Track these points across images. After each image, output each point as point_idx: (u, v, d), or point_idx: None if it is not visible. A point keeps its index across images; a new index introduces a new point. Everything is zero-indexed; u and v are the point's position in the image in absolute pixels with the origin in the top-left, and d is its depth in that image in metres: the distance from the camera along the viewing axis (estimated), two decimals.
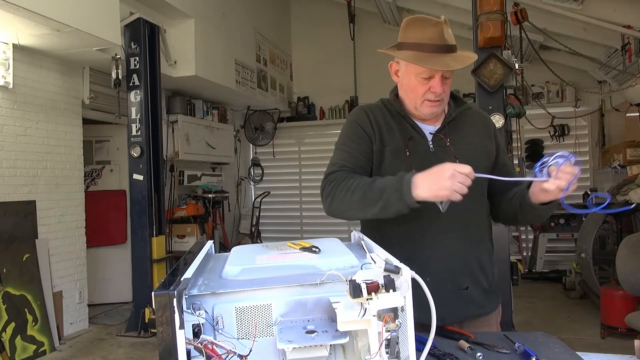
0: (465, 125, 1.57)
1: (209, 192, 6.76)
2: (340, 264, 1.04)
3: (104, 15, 4.09)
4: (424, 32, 1.42)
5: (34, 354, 4.09)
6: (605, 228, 5.27)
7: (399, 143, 1.52)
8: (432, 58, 1.40)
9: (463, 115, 1.58)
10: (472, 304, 1.52)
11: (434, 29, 1.41)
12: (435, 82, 1.44)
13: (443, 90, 1.46)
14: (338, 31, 8.05)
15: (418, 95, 1.49)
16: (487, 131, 1.61)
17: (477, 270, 1.54)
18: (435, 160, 1.48)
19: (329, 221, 8.16)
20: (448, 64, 1.40)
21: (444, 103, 1.51)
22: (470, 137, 1.56)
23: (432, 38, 1.41)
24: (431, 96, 1.46)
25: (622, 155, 6.00)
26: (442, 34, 1.41)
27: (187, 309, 0.89)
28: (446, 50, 1.41)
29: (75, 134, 4.90)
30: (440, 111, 1.53)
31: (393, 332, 0.88)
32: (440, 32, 1.41)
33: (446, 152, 1.51)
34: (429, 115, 1.53)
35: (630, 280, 3.24)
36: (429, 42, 1.41)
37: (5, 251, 4.03)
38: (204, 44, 5.74)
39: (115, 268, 5.77)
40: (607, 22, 5.02)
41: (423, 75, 1.45)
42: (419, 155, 1.51)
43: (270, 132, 8.27)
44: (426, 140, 1.53)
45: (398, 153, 1.51)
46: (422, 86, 1.47)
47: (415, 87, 1.48)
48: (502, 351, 1.26)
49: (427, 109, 1.50)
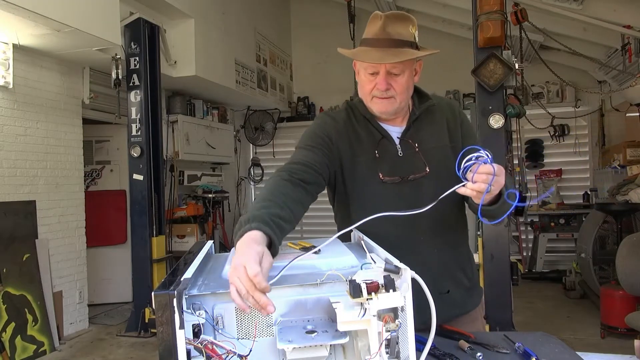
0: (431, 122, 1.53)
1: (209, 192, 6.76)
2: (340, 264, 1.04)
3: (104, 15, 4.09)
4: (371, 27, 1.41)
5: (34, 354, 4.09)
6: (605, 228, 5.27)
7: (369, 150, 1.49)
8: (369, 52, 1.38)
9: (428, 111, 1.54)
10: (454, 305, 1.51)
11: (378, 23, 1.38)
12: (380, 78, 1.40)
13: (388, 86, 1.41)
14: (338, 31, 8.04)
15: (366, 92, 1.46)
16: (453, 121, 1.55)
17: (458, 272, 1.53)
18: (405, 163, 1.48)
19: (329, 221, 8.09)
20: (382, 57, 1.36)
21: (397, 102, 1.44)
22: (437, 134, 1.52)
23: (375, 32, 1.39)
24: (377, 93, 1.43)
25: (622, 155, 6.00)
26: (383, 28, 1.37)
27: (187, 309, 0.89)
28: (386, 44, 1.37)
29: (75, 134, 4.90)
30: (393, 110, 1.47)
31: (393, 332, 0.88)
32: (382, 26, 1.37)
33: (415, 155, 1.48)
34: (380, 114, 1.49)
35: (630, 280, 3.24)
36: (372, 37, 1.39)
37: (5, 251, 4.03)
38: (204, 44, 5.74)
39: (115, 268, 5.77)
40: (607, 22, 5.02)
41: (368, 71, 1.42)
42: (388, 159, 1.48)
43: (270, 132, 8.27)
44: (394, 144, 1.49)
45: (369, 160, 1.48)
46: (369, 83, 1.44)
47: (364, 84, 1.46)
48: (502, 351, 1.26)
49: (375, 106, 1.46)
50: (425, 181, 1.47)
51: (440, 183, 1.46)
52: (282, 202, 1.21)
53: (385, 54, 1.36)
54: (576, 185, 7.23)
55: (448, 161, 1.45)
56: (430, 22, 7.19)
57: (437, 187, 1.45)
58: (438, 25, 7.13)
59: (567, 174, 7.25)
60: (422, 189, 1.46)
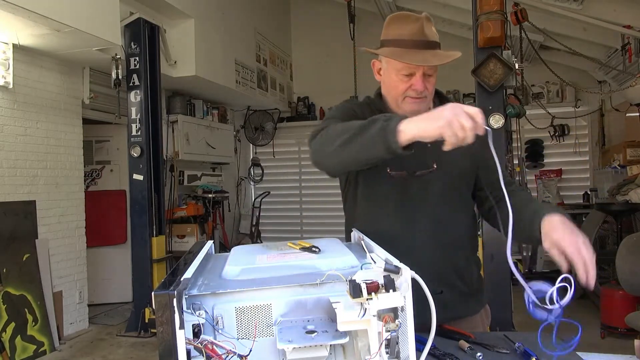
0: None
1: (209, 192, 6.76)
2: (340, 264, 1.04)
3: (104, 15, 4.09)
4: (404, 28, 1.39)
5: (34, 354, 4.09)
6: (605, 228, 5.27)
7: None
8: (411, 54, 1.37)
9: None
10: (448, 308, 1.49)
11: (414, 25, 1.38)
12: (416, 79, 1.41)
13: (424, 87, 1.42)
14: (338, 31, 8.04)
15: (399, 92, 1.45)
16: None
17: (452, 275, 1.51)
18: (414, 159, 1.45)
19: (329, 221, 8.16)
20: (427, 59, 1.36)
21: (428, 101, 1.47)
22: None
23: (411, 34, 1.38)
24: (412, 93, 1.43)
25: (622, 155, 6.00)
26: (422, 30, 1.37)
27: (187, 309, 0.89)
28: (426, 46, 1.38)
29: (75, 134, 4.90)
30: (424, 109, 1.47)
31: (393, 332, 0.88)
32: (421, 27, 1.37)
33: (425, 151, 1.46)
34: (411, 113, 1.47)
35: (630, 280, 3.24)
36: (408, 38, 1.38)
37: (5, 251, 4.03)
38: (204, 44, 5.74)
39: (115, 268, 5.77)
40: (607, 22, 5.02)
41: (403, 72, 1.41)
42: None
43: (270, 132, 8.28)
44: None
45: None
46: (403, 83, 1.43)
47: (396, 85, 1.45)
48: (502, 351, 1.26)
49: (408, 106, 1.45)
50: (432, 178, 1.47)
51: (447, 181, 1.47)
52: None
53: (427, 55, 1.37)
54: (576, 185, 7.24)
55: (458, 162, 1.46)
56: None
57: (443, 185, 1.45)
58: (438, 25, 7.06)
59: (567, 174, 7.26)
60: (429, 185, 1.46)
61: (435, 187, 1.45)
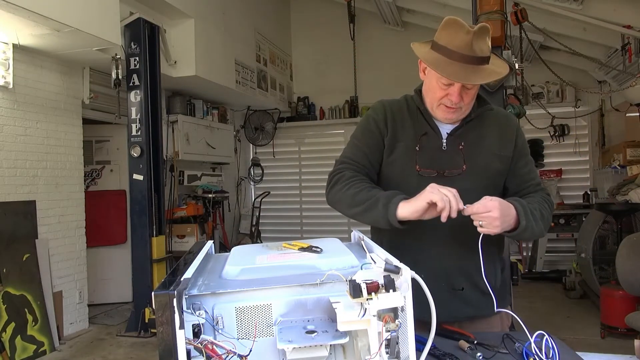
0: (483, 127, 1.54)
1: (209, 192, 6.76)
2: (340, 264, 1.04)
3: (104, 15, 4.09)
4: (455, 38, 1.38)
5: (34, 354, 4.09)
6: (605, 228, 5.26)
7: (411, 138, 1.53)
8: (454, 67, 1.37)
9: (483, 116, 1.55)
10: (468, 305, 1.52)
11: (465, 37, 1.36)
12: (454, 90, 1.42)
13: (460, 99, 1.43)
14: (338, 31, 8.05)
15: (435, 98, 1.47)
16: (507, 131, 1.56)
17: (475, 273, 1.50)
18: (445, 158, 1.51)
19: (329, 221, 8.16)
20: (467, 76, 1.37)
21: (462, 111, 1.48)
22: (487, 139, 1.53)
23: (459, 46, 1.37)
24: (447, 102, 1.45)
25: (622, 155, 6.00)
26: (470, 44, 1.36)
27: (187, 309, 0.89)
28: (471, 61, 1.37)
29: (75, 134, 4.90)
30: (457, 117, 1.50)
31: (393, 332, 0.88)
32: (470, 41, 1.36)
33: (457, 151, 1.50)
34: (444, 120, 1.51)
35: (630, 280, 3.24)
36: (456, 50, 1.37)
37: (5, 251, 4.03)
38: (204, 44, 5.74)
39: (115, 268, 5.77)
40: (607, 22, 5.02)
41: (443, 81, 1.43)
42: (429, 151, 1.51)
43: (270, 132, 8.28)
44: (440, 138, 1.52)
45: (409, 148, 1.52)
46: (440, 91, 1.45)
47: (435, 90, 1.47)
48: (502, 351, 1.26)
49: (441, 114, 1.49)
50: (461, 179, 1.49)
51: (476, 182, 1.49)
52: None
53: (469, 72, 1.37)
54: (576, 185, 7.24)
55: (489, 166, 1.51)
56: (431, 22, 7.20)
57: (471, 185, 1.47)
58: (438, 25, 7.11)
59: (567, 174, 7.26)
60: (457, 185, 1.46)
61: (463, 187, 1.45)
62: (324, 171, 8.33)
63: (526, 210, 1.39)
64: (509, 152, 1.55)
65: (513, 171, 1.56)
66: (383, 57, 7.94)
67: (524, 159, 1.58)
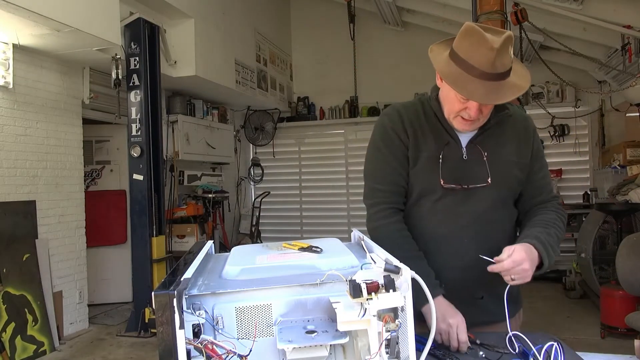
0: (503, 132, 1.50)
1: (209, 192, 6.76)
2: (340, 264, 1.04)
3: (104, 15, 4.09)
4: (476, 52, 1.29)
5: (34, 354, 4.09)
6: (605, 228, 5.26)
7: (434, 149, 1.48)
8: (474, 85, 1.29)
9: (502, 122, 1.50)
10: (486, 312, 1.51)
11: (487, 54, 1.27)
12: (472, 106, 1.36)
13: (480, 113, 1.39)
14: (338, 31, 8.05)
15: (453, 110, 1.42)
16: (525, 136, 1.53)
17: (494, 281, 1.47)
18: (467, 169, 1.47)
19: (329, 221, 8.17)
20: (487, 95, 1.30)
21: (480, 122, 1.44)
22: (507, 146, 1.50)
23: (481, 63, 1.28)
24: (465, 115, 1.40)
25: (622, 155, 6.00)
26: (492, 62, 1.27)
27: (187, 309, 0.89)
28: (492, 78, 1.30)
29: (75, 134, 4.90)
30: (474, 129, 1.46)
31: (393, 332, 0.88)
32: (492, 59, 1.27)
33: (479, 162, 1.46)
34: (461, 130, 1.47)
35: (630, 280, 3.24)
36: (476, 66, 1.29)
37: (5, 251, 4.03)
38: (204, 44, 5.74)
39: (115, 268, 5.77)
40: (607, 22, 5.02)
41: (461, 95, 1.37)
42: (451, 162, 1.47)
43: (270, 132, 8.28)
44: (460, 147, 1.48)
45: (432, 159, 1.47)
46: (459, 104, 1.39)
47: (452, 103, 1.41)
48: (502, 351, 1.26)
49: (458, 125, 1.44)
50: (485, 192, 1.46)
51: (498, 195, 1.48)
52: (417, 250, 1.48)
53: (489, 90, 1.29)
54: (576, 185, 7.23)
55: (510, 176, 1.48)
56: (430, 22, 7.20)
57: (493, 197, 1.46)
58: (438, 25, 7.14)
59: (567, 174, 7.25)
60: (480, 196, 1.46)
61: (486, 199, 1.46)
62: (324, 171, 8.39)
63: (546, 247, 1.37)
64: (527, 158, 1.52)
65: (528, 177, 1.52)
66: (383, 57, 7.94)
67: (539, 162, 1.55)
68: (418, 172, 1.49)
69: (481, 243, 1.45)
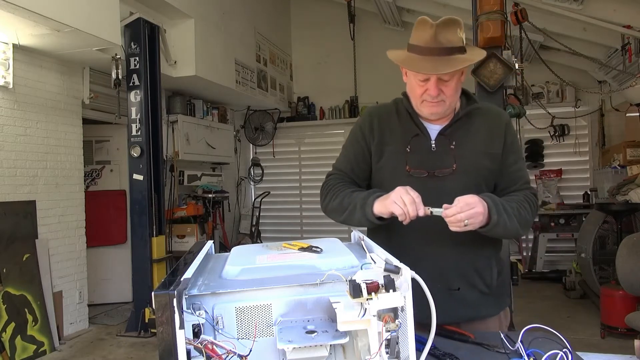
0: (472, 125, 1.55)
1: (209, 192, 6.76)
2: (340, 264, 1.04)
3: (104, 15, 4.09)
4: (420, 34, 1.43)
5: (34, 354, 4.09)
6: (605, 228, 5.27)
7: (400, 142, 1.55)
8: (422, 61, 1.40)
9: (472, 114, 1.56)
10: (466, 305, 1.51)
11: (428, 31, 1.40)
12: (431, 84, 1.44)
13: (439, 92, 1.45)
14: (338, 31, 8.05)
15: (417, 96, 1.50)
16: (497, 129, 1.56)
17: (472, 273, 1.52)
18: (435, 158, 1.52)
19: (329, 221, 8.06)
20: (436, 67, 1.39)
21: (447, 104, 1.49)
22: (476, 137, 1.54)
23: (426, 41, 1.40)
24: (428, 97, 1.47)
25: (622, 155, 6.00)
26: (434, 37, 1.39)
27: (187, 309, 0.89)
28: (439, 52, 1.39)
29: (75, 134, 4.90)
30: (443, 111, 1.51)
31: (393, 332, 0.88)
32: (434, 34, 1.39)
33: (447, 151, 1.52)
34: (430, 115, 1.52)
35: (630, 280, 3.24)
36: (423, 45, 1.41)
37: (5, 251, 4.03)
38: (204, 44, 5.74)
39: (115, 268, 5.77)
40: (607, 22, 5.02)
41: (419, 77, 1.46)
42: (419, 153, 1.53)
43: (270, 132, 8.28)
44: (429, 139, 1.54)
45: (399, 151, 1.54)
46: (419, 87, 1.48)
47: (414, 88, 1.50)
48: (501, 351, 1.26)
49: (426, 110, 1.50)
50: (451, 178, 1.50)
51: (467, 181, 1.50)
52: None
53: (436, 63, 1.39)
54: (576, 185, 7.23)
55: (479, 165, 1.52)
56: None
57: (463, 185, 1.48)
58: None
59: (567, 174, 7.25)
60: (448, 184, 1.49)
61: (454, 186, 1.47)
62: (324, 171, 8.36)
63: (498, 206, 1.39)
64: (499, 149, 1.55)
65: (503, 169, 1.56)
66: (383, 57, 7.83)
67: (514, 155, 1.58)
68: (384, 164, 1.57)
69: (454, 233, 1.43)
